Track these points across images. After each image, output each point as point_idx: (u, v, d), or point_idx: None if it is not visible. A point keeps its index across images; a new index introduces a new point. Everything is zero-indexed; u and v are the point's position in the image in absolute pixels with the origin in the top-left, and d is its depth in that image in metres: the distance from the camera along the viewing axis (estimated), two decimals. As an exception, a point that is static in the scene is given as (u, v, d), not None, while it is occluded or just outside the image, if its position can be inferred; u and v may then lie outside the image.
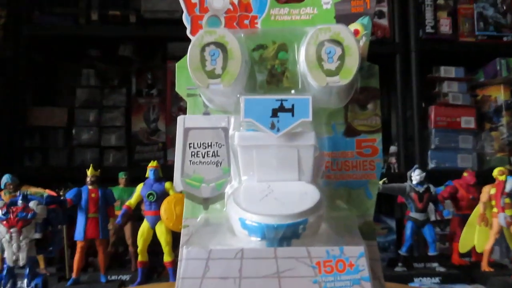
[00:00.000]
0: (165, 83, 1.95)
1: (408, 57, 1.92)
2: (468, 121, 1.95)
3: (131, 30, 1.86)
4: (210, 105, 0.63)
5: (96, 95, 1.91)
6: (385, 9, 1.95)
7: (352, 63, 0.57)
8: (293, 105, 0.56)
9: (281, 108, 0.56)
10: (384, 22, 1.94)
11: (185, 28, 0.65)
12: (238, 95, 0.58)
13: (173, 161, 0.63)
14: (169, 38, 1.88)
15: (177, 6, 0.67)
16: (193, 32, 0.65)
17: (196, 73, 0.58)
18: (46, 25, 1.83)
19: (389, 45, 1.92)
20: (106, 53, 1.97)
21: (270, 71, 0.63)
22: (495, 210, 1.40)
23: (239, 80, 0.59)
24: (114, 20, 1.85)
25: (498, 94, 1.97)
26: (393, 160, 1.91)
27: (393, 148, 1.92)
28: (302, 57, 0.58)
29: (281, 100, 0.56)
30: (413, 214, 1.48)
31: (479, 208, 1.44)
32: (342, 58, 0.57)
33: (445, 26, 1.96)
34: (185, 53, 0.59)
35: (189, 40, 0.60)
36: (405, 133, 1.90)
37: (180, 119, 0.64)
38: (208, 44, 0.58)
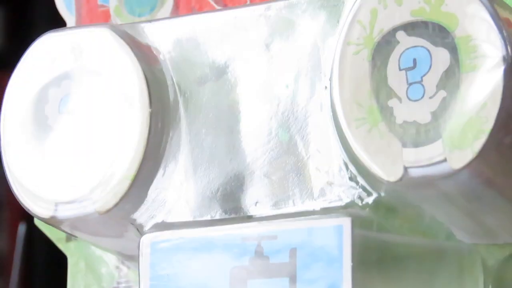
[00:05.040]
0: None
1: None
2: None
3: None
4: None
5: None
6: None
7: (486, 96, 0.17)
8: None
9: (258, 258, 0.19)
10: None
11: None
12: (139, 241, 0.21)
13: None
14: None
15: None
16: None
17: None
18: None
19: None
20: None
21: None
22: None
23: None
24: None
25: None
26: None
27: None
28: (335, 92, 0.19)
29: (258, 240, 0.19)
30: None
31: None
32: (452, 81, 0.17)
33: None
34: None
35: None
36: None
37: None
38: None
